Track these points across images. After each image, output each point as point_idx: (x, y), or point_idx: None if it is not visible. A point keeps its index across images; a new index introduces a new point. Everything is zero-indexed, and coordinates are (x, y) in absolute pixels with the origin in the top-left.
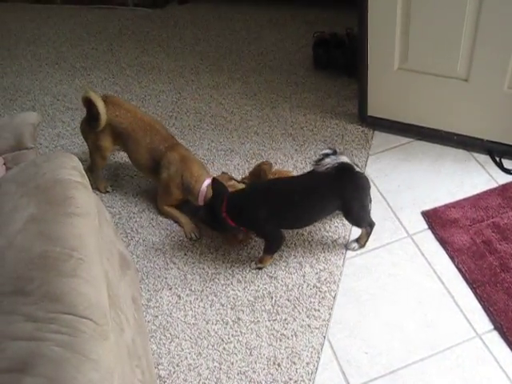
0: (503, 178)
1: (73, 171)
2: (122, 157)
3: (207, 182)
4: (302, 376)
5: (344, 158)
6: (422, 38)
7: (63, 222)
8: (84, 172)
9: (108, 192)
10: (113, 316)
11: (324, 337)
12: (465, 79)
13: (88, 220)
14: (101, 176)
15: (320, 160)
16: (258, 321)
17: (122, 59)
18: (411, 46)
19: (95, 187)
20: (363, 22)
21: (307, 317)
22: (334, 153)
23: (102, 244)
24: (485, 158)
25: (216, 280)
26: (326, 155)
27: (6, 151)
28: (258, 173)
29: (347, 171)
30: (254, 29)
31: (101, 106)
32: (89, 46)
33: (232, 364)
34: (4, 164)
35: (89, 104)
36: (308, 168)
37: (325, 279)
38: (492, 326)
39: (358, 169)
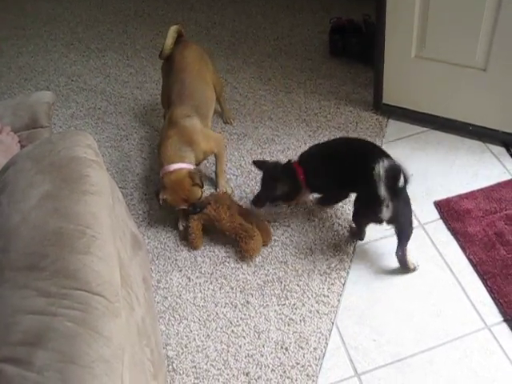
0: None
1: (88, 149)
2: (134, 138)
3: None
4: (309, 361)
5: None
6: (440, 26)
7: (78, 200)
8: (98, 151)
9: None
10: (124, 295)
11: (332, 323)
12: (483, 69)
13: (102, 198)
14: None
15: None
16: (267, 305)
17: (136, 41)
18: (429, 33)
19: None
20: (381, 8)
21: (316, 302)
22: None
23: (115, 223)
24: (500, 150)
25: (226, 263)
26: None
27: (21, 129)
28: None
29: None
30: (270, 13)
31: (170, 41)
32: (104, 28)
33: (240, 347)
34: (19, 142)
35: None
36: None
37: (335, 266)
38: (502, 318)
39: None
